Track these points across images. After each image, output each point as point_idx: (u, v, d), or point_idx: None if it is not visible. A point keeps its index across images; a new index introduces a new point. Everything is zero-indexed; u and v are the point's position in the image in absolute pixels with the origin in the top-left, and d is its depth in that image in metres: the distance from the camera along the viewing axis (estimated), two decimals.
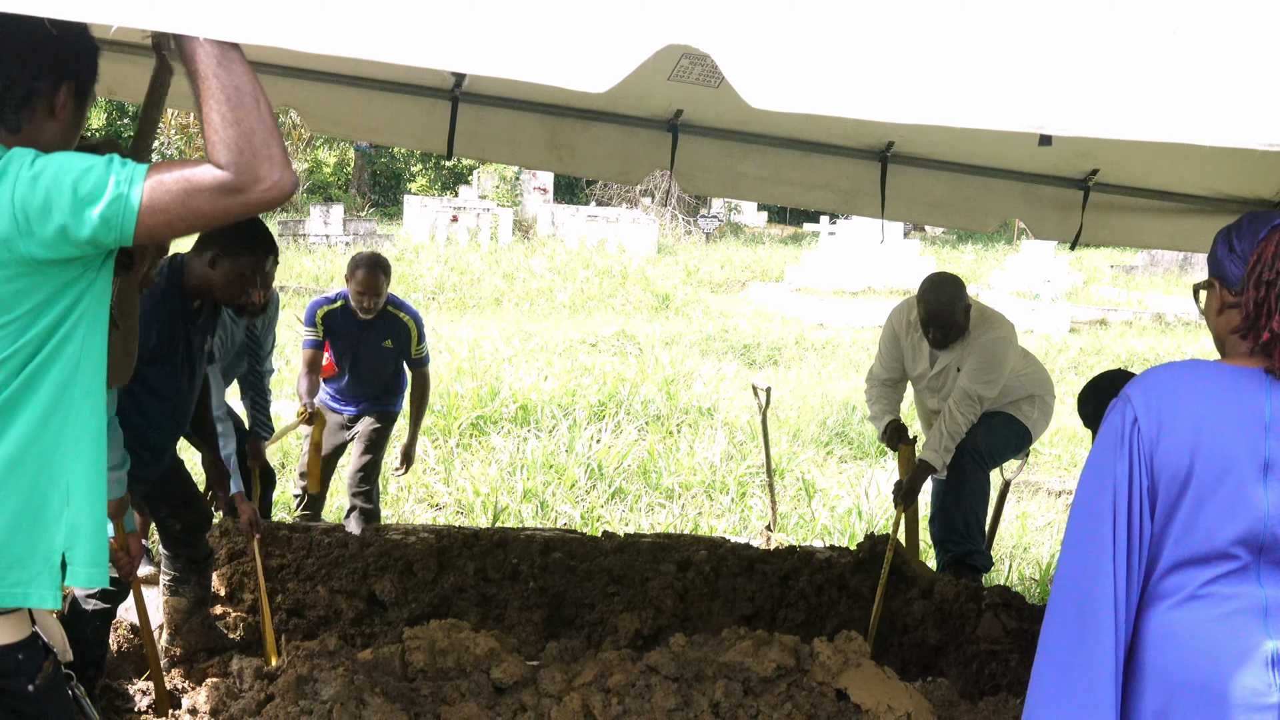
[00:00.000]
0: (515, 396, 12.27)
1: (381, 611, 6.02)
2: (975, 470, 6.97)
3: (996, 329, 6.87)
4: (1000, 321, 7.01)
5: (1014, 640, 5.61)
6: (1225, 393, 2.77)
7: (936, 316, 6.76)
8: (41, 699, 2.78)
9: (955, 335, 6.83)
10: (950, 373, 6.92)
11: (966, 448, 6.91)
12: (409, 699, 4.18)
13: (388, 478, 10.00)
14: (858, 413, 13.37)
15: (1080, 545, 2.81)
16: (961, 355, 6.84)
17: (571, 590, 6.20)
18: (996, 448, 7.03)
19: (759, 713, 4.11)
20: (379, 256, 7.64)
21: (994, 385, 6.79)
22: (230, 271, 5.15)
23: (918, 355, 7.10)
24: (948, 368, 6.92)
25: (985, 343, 6.77)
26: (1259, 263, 2.77)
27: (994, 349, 6.78)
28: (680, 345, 17.78)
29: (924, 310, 6.82)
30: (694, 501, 10.34)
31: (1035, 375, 7.10)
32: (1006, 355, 6.84)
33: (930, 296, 6.81)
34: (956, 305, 6.77)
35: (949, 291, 6.81)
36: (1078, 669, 2.76)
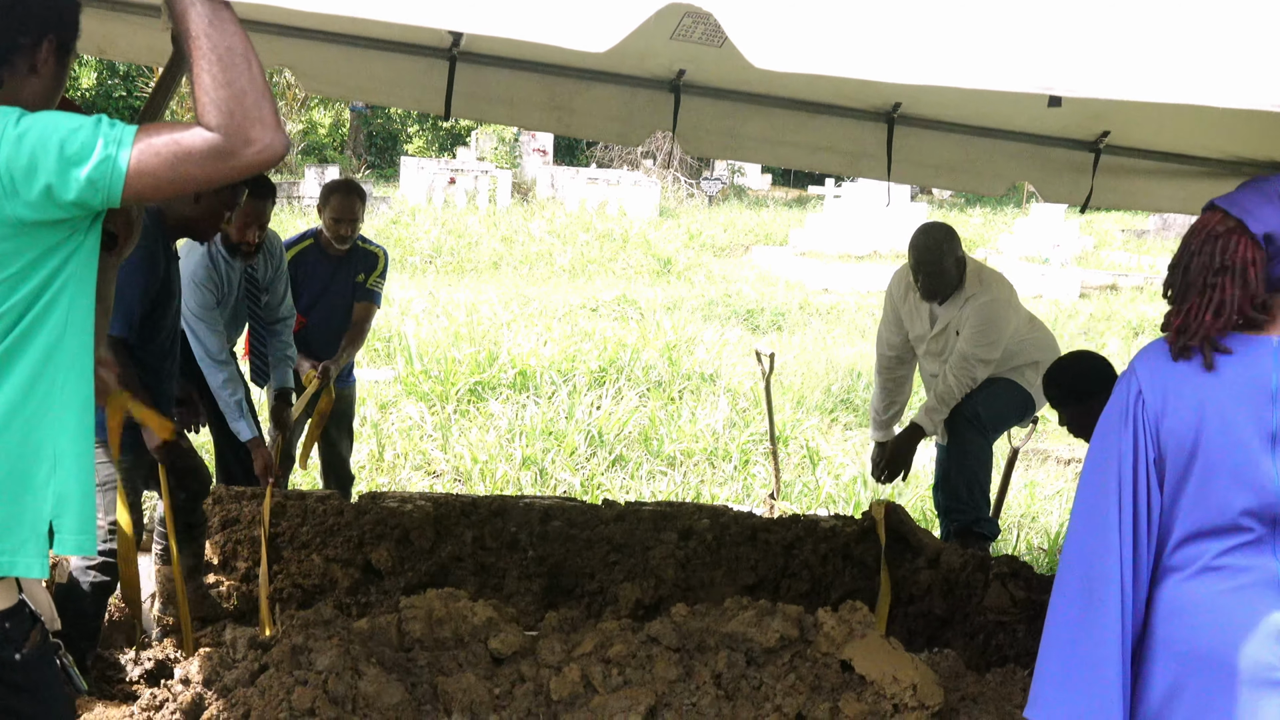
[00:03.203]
0: (514, 362, 12.27)
1: (377, 580, 6.03)
2: (976, 438, 6.97)
3: (994, 290, 6.87)
4: (998, 282, 7.02)
5: (1022, 611, 5.61)
6: (1231, 362, 2.77)
7: (924, 262, 6.77)
8: (29, 668, 2.79)
9: (947, 285, 6.82)
10: (950, 335, 6.91)
11: (966, 415, 6.91)
12: (405, 669, 4.18)
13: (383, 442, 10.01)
14: (863, 379, 13.37)
15: (1087, 519, 2.82)
16: (960, 317, 6.84)
17: (571, 559, 6.20)
18: (998, 415, 7.02)
19: (762, 684, 4.12)
20: (354, 181, 7.46)
21: (992, 349, 6.78)
22: (212, 205, 5.20)
23: (916, 317, 7.11)
24: (947, 330, 6.91)
25: (982, 305, 6.76)
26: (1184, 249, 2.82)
27: (991, 311, 6.77)
28: (682, 310, 17.77)
29: (913, 257, 6.86)
30: (696, 469, 10.35)
31: (1040, 341, 7.08)
32: (1004, 318, 6.83)
33: (918, 242, 6.85)
34: (945, 251, 6.78)
35: (936, 236, 6.85)
36: (1083, 645, 2.77)
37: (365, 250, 7.44)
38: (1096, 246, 27.69)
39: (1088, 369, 5.67)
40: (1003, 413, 7.03)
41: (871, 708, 4.00)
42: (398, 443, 10.22)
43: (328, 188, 7.31)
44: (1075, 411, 5.61)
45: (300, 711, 3.81)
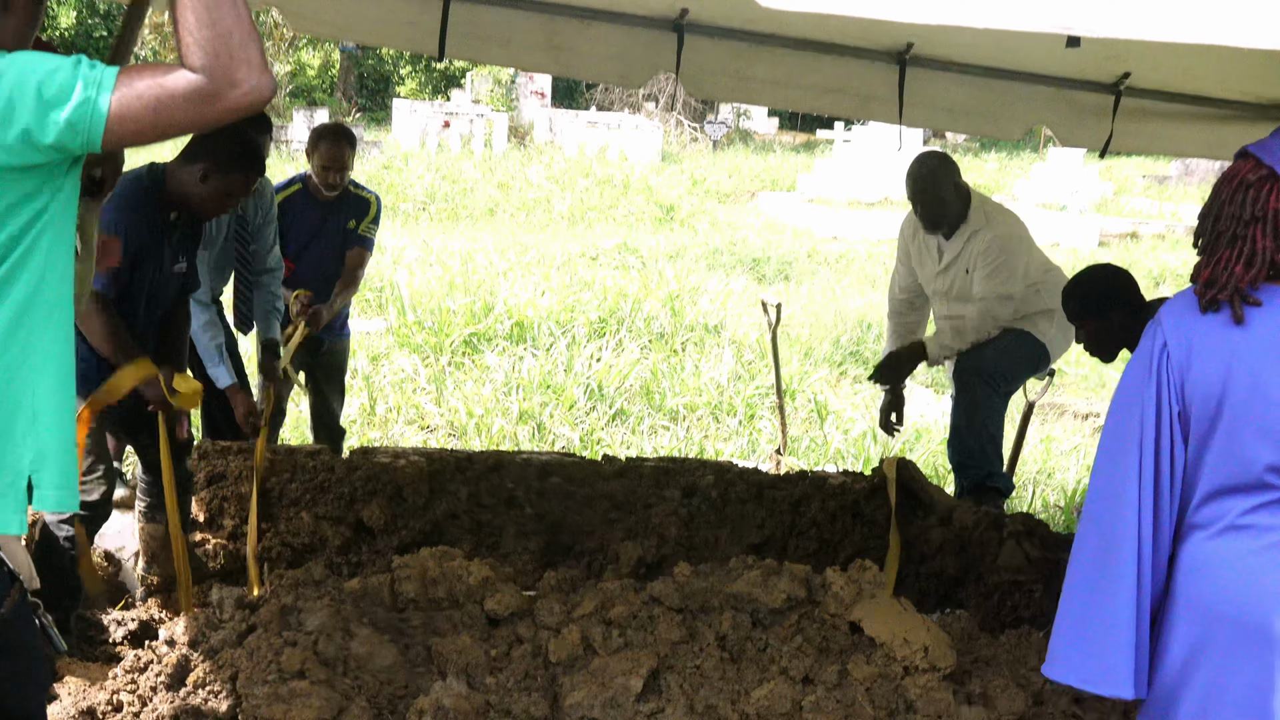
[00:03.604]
0: (510, 312, 12.25)
1: (369, 539, 6.03)
2: (988, 392, 6.95)
3: (1000, 225, 6.89)
4: (1005, 216, 7.06)
5: (1037, 570, 5.61)
6: (1261, 315, 2.75)
7: (921, 191, 6.81)
8: (6, 628, 2.79)
9: (947, 213, 6.84)
10: (958, 272, 6.90)
11: (978, 368, 6.90)
12: (398, 630, 4.19)
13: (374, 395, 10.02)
14: (873, 330, 13.35)
15: (1107, 475, 2.82)
16: (970, 256, 6.83)
17: (570, 517, 6.21)
18: (1010, 368, 7.00)
19: (768, 645, 4.13)
20: (343, 126, 7.41)
21: (1009, 283, 6.77)
22: (220, 188, 5.19)
23: (925, 255, 7.12)
24: (955, 264, 6.90)
25: (990, 242, 6.76)
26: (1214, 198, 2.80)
27: (999, 247, 6.77)
28: (685, 259, 17.73)
29: (910, 188, 6.90)
30: (700, 424, 10.35)
31: (1055, 288, 7.04)
32: (1015, 251, 6.83)
33: (913, 171, 6.90)
34: (940, 177, 6.81)
35: (930, 164, 6.89)
36: (1098, 603, 2.78)
37: (357, 196, 7.41)
38: (1116, 193, 27.62)
39: (1109, 281, 5.65)
40: (1016, 365, 7.02)
41: (881, 670, 4.01)
42: (390, 396, 10.21)
43: (316, 133, 7.26)
44: (1096, 328, 5.60)
45: (289, 673, 3.82)
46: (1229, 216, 2.78)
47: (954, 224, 6.87)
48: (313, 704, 3.72)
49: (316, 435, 7.77)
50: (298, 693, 3.74)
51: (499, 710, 3.86)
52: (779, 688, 3.90)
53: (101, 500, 5.22)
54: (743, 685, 3.98)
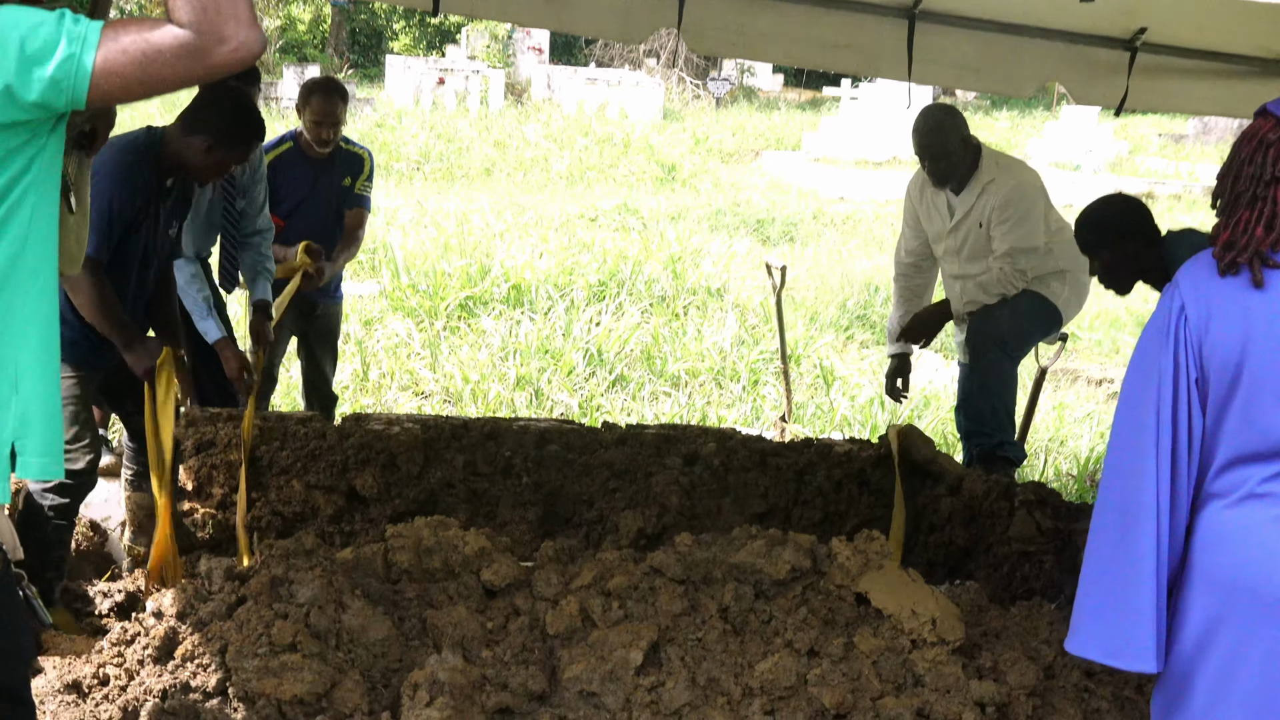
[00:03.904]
0: (507, 275, 12.23)
1: (362, 508, 6.04)
2: (1000, 356, 6.94)
3: (1015, 174, 6.91)
4: (1019, 167, 7.07)
5: (1049, 541, 5.62)
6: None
7: (928, 145, 6.80)
8: None
9: (956, 166, 6.83)
10: (970, 228, 6.89)
11: (988, 332, 6.88)
12: (392, 602, 4.20)
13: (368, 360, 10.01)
14: (880, 294, 13.34)
15: (1124, 444, 2.81)
16: (984, 209, 6.82)
17: (569, 486, 6.21)
18: (1022, 331, 6.98)
19: (772, 617, 4.13)
20: (334, 80, 7.41)
21: (1032, 235, 6.76)
22: (221, 160, 5.27)
23: (934, 212, 7.11)
24: (967, 220, 6.89)
25: (1007, 193, 6.75)
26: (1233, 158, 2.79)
27: (1017, 197, 6.77)
28: (687, 220, 17.71)
29: (916, 142, 6.89)
30: (702, 390, 10.35)
31: (1067, 248, 7.02)
32: (1034, 200, 6.82)
33: (919, 124, 6.88)
34: (948, 130, 6.80)
35: (937, 116, 6.88)
36: (1118, 574, 2.77)
37: (349, 152, 7.40)
38: (1131, 152, 27.56)
39: (1123, 211, 5.64)
40: (1027, 329, 7.00)
41: (888, 643, 4.02)
42: (383, 361, 10.20)
43: (306, 87, 7.24)
44: (1111, 258, 5.59)
45: (281, 646, 3.82)
46: (1248, 177, 2.77)
47: (964, 178, 6.85)
48: (304, 678, 3.72)
49: (308, 402, 7.77)
50: (289, 666, 3.75)
51: (495, 684, 3.86)
52: (783, 660, 3.91)
53: (87, 469, 5.21)
54: (746, 658, 3.99)
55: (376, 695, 3.85)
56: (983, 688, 3.87)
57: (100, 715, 3.84)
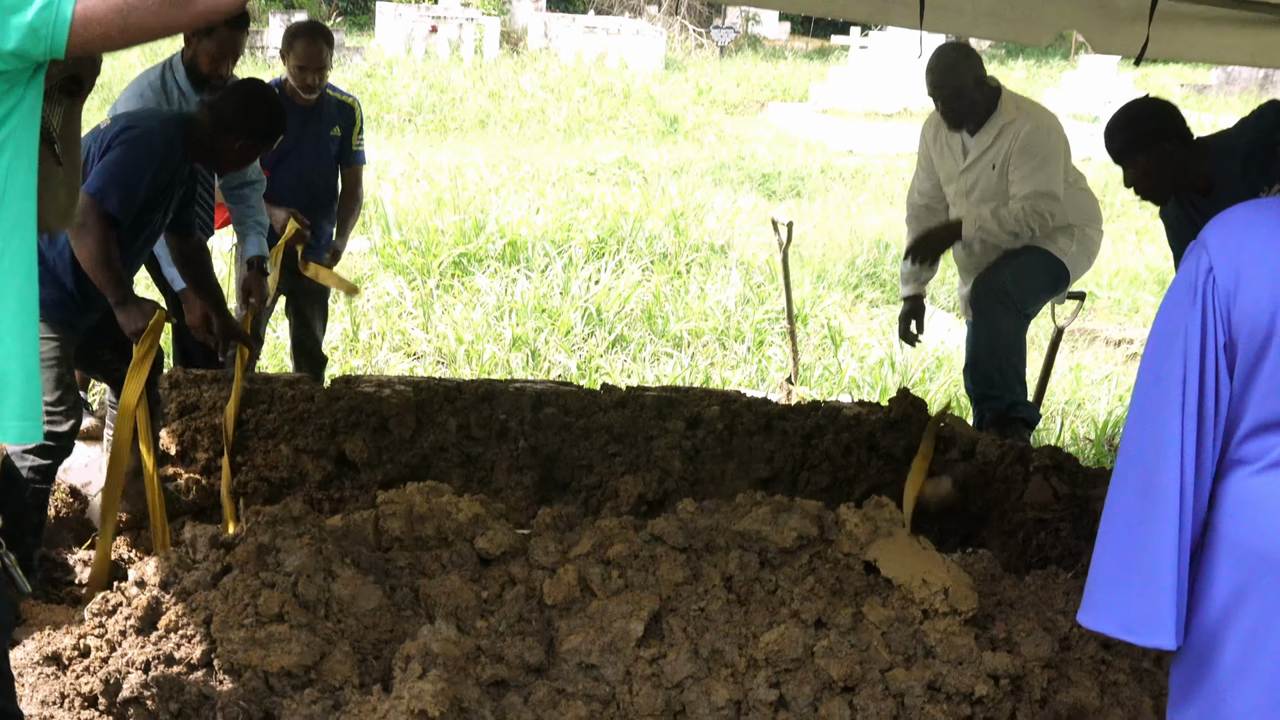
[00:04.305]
0: (503, 232, 12.21)
1: (352, 473, 6.04)
2: (1005, 315, 6.92)
3: (1036, 118, 6.89)
4: (1040, 110, 7.05)
5: (1065, 508, 5.62)
6: None
7: (940, 85, 6.82)
8: None
9: (971, 107, 6.85)
10: (984, 170, 6.88)
11: (993, 290, 6.87)
12: (383, 571, 4.20)
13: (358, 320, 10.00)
14: (891, 251, 13.33)
15: (1147, 409, 2.79)
16: (1000, 150, 6.81)
17: (566, 450, 6.21)
18: (1029, 289, 6.95)
19: (777, 587, 4.13)
20: (319, 23, 7.42)
21: (1053, 180, 6.74)
22: (248, 154, 5.57)
23: (948, 154, 7.11)
24: (980, 162, 6.88)
25: (1031, 134, 6.75)
26: None
27: (1039, 140, 6.76)
28: (690, 174, 17.68)
29: (929, 83, 6.90)
30: (705, 351, 10.35)
31: (1076, 202, 7.00)
32: (1055, 145, 6.81)
33: (932, 64, 6.90)
34: (962, 70, 6.82)
35: (951, 57, 6.89)
36: (1139, 544, 2.76)
37: (337, 100, 7.41)
38: None
39: (1155, 112, 5.62)
40: (1034, 286, 6.97)
41: (898, 613, 4.02)
42: (374, 321, 10.19)
43: (290, 32, 7.22)
44: (1144, 163, 5.57)
45: (267, 617, 3.82)
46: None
47: (979, 119, 6.84)
48: (292, 649, 3.72)
49: (297, 363, 7.76)
50: (276, 637, 3.75)
51: (490, 655, 3.86)
52: (789, 631, 3.91)
53: (69, 432, 5.23)
54: (750, 629, 3.99)
55: (367, 667, 3.86)
56: (996, 659, 3.87)
57: (81, 688, 3.85)
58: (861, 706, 3.76)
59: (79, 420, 5.33)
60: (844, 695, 3.80)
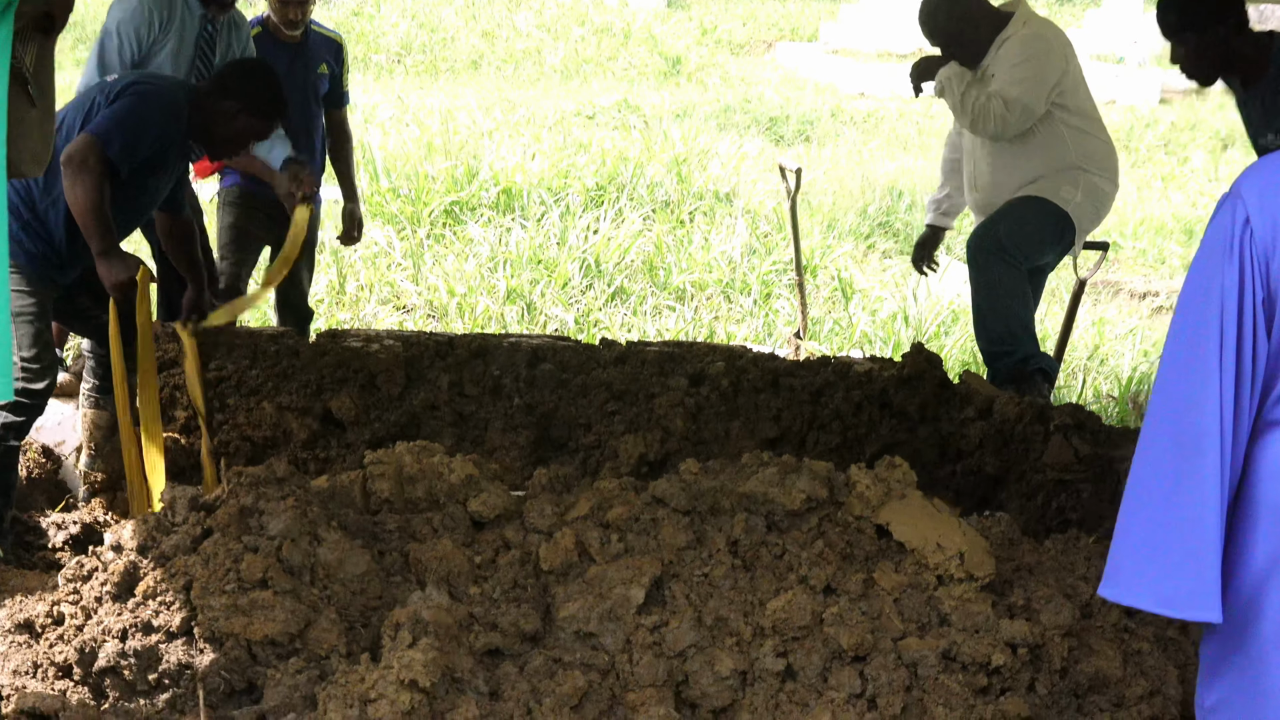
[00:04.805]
0: (497, 178, 12.19)
1: (339, 432, 6.04)
2: (1004, 269, 6.88)
3: (1035, 26, 6.89)
4: (1044, 22, 7.06)
5: (1087, 468, 5.62)
6: None
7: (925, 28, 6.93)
8: None
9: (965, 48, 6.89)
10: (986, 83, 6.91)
11: (987, 242, 6.86)
12: (371, 534, 4.20)
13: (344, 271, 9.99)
14: (904, 199, 13.31)
15: (1180, 367, 2.77)
16: (995, 58, 6.84)
17: (564, 408, 6.21)
18: (1024, 239, 6.90)
19: (785, 551, 4.13)
20: None
21: (1029, 88, 6.71)
22: (243, 131, 5.57)
23: None
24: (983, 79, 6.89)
25: (1018, 37, 6.76)
26: None
27: (1023, 44, 6.76)
28: (694, 118, 17.62)
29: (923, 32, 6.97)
30: (709, 304, 10.34)
31: (1089, 145, 6.95)
32: (1044, 56, 6.77)
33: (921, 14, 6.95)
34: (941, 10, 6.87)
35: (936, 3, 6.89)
36: (1174, 512, 2.74)
37: (322, 36, 7.44)
38: None
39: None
40: (1031, 236, 6.93)
41: (911, 579, 4.02)
42: (361, 273, 10.19)
43: None
44: (1198, 43, 5.56)
45: (250, 583, 3.82)
46: None
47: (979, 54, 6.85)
48: (276, 616, 3.73)
49: (282, 317, 7.75)
50: (259, 604, 3.75)
51: (484, 623, 3.87)
52: (797, 598, 3.91)
53: (44, 390, 5.24)
54: (756, 595, 3.99)
55: (354, 635, 3.86)
56: (1014, 627, 3.87)
57: (55, 657, 3.85)
58: (873, 677, 3.76)
59: (55, 379, 5.33)
60: (854, 665, 3.80)
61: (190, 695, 3.72)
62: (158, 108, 5.26)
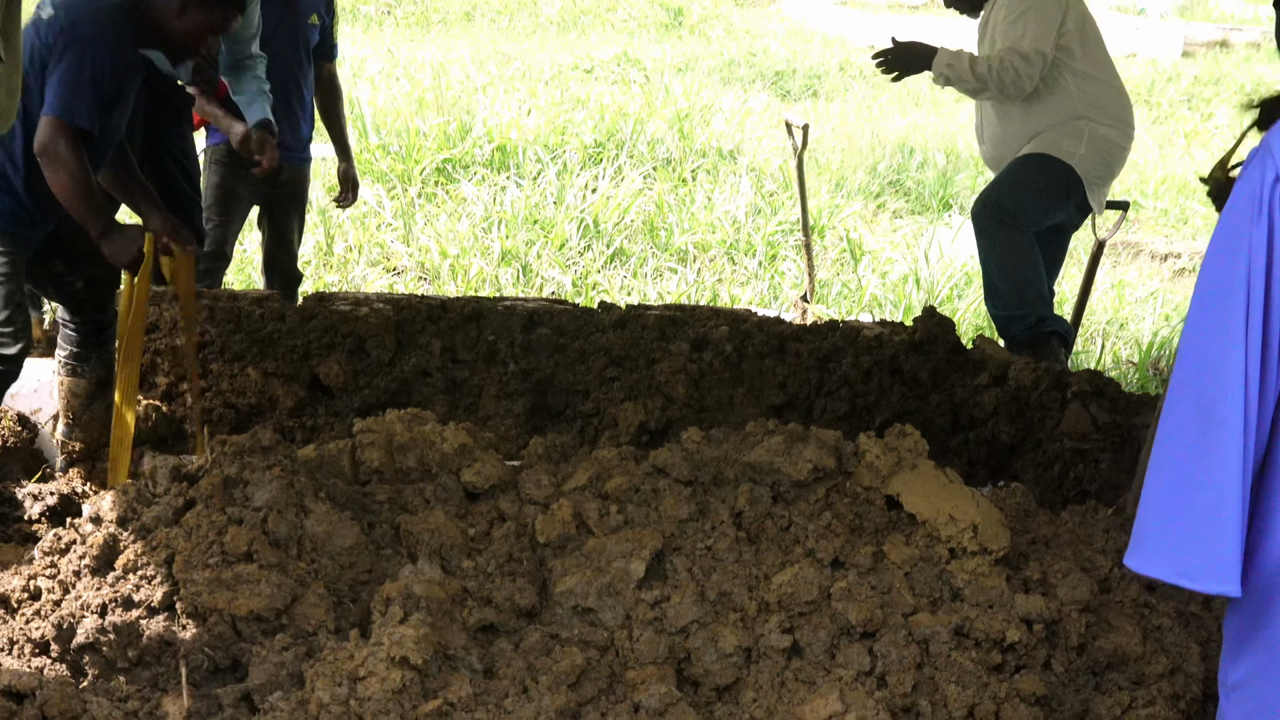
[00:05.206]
0: (491, 135, 12.17)
1: (327, 399, 6.04)
2: (1008, 233, 6.88)
3: None
4: None
5: (1105, 437, 5.62)
6: None
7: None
8: None
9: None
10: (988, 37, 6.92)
11: (988, 204, 6.89)
12: (361, 506, 4.19)
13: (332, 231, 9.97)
14: (916, 156, 13.28)
15: (1205, 331, 2.76)
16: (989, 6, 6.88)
17: (561, 374, 6.21)
18: (1027, 201, 6.91)
19: (791, 523, 4.13)
20: None
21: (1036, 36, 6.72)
22: (200, 23, 5.26)
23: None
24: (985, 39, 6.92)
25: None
26: None
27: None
28: (696, 72, 17.60)
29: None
30: (712, 266, 10.33)
31: (1088, 89, 6.96)
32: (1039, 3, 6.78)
33: None
34: None
35: None
36: (1195, 481, 2.73)
37: None
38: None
39: None
40: (1033, 197, 6.93)
41: (923, 552, 4.02)
42: (350, 233, 10.18)
43: None
44: None
45: (235, 556, 3.82)
46: None
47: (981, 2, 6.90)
48: (262, 591, 3.72)
49: (269, 280, 7.74)
50: (244, 578, 3.75)
51: (478, 598, 3.86)
52: (804, 572, 3.91)
53: (18, 355, 5.22)
54: (761, 569, 3.99)
55: (343, 610, 3.86)
56: (1030, 602, 3.87)
57: (31, 633, 3.85)
58: (882, 653, 3.76)
59: (29, 343, 5.31)
60: (863, 641, 3.80)
61: (172, 673, 3.72)
62: (103, 48, 5.06)
